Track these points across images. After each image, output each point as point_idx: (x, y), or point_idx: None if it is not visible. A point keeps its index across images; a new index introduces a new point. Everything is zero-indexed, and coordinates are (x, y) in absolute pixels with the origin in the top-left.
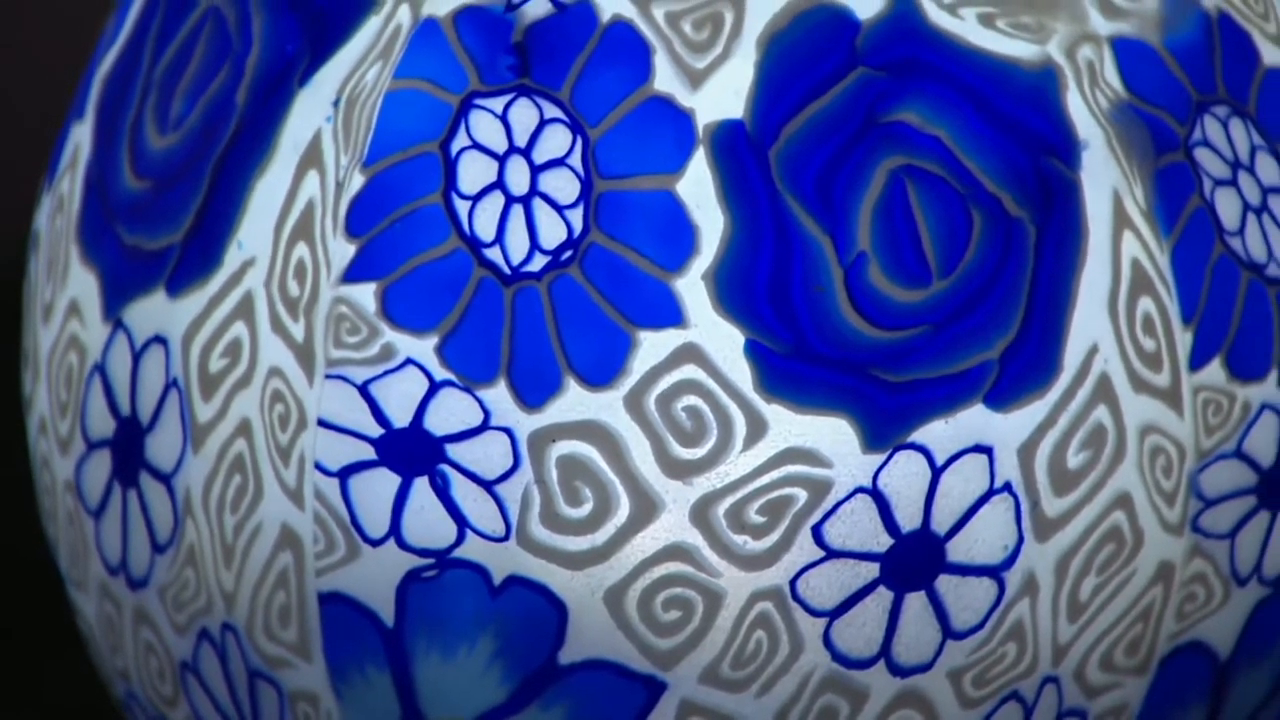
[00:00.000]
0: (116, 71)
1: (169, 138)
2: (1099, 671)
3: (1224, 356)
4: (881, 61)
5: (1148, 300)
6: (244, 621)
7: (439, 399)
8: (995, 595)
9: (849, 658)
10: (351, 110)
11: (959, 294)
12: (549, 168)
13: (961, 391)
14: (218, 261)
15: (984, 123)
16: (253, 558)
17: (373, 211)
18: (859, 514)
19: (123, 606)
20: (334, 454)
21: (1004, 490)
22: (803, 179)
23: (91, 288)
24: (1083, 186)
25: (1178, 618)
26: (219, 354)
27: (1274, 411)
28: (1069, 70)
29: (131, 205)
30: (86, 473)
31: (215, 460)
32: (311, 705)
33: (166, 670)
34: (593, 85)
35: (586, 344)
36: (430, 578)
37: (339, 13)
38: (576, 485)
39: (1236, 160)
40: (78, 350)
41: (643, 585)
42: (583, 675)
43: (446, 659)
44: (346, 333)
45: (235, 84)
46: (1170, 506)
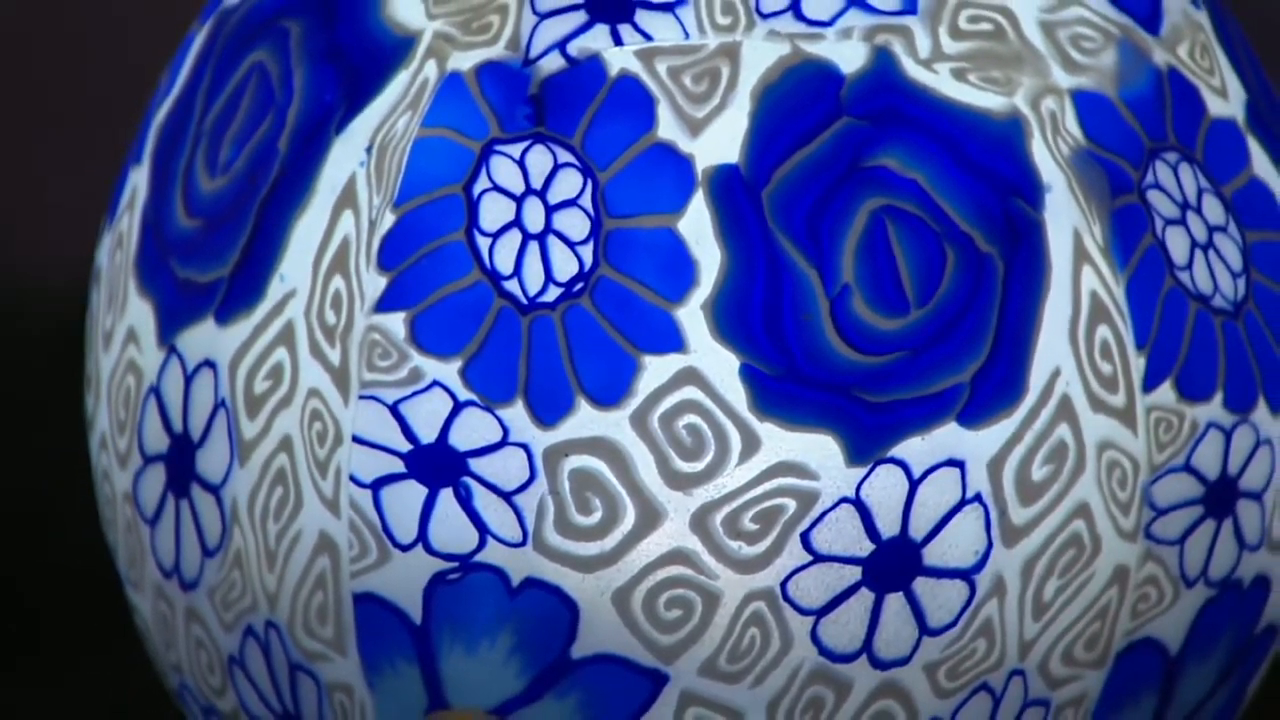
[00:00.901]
0: (170, 121)
1: (218, 181)
2: (1061, 665)
3: (1174, 379)
4: (864, 111)
5: (1105, 328)
6: (285, 619)
7: (462, 417)
8: (967, 596)
9: (834, 653)
10: (383, 156)
11: (934, 323)
12: (562, 208)
13: (936, 411)
14: (262, 293)
15: (957, 167)
16: (293, 562)
17: (402, 247)
18: (843, 522)
19: (175, 606)
20: (367, 467)
21: (975, 500)
22: (792, 218)
23: (148, 317)
24: (1046, 225)
25: (1132, 616)
26: (263, 377)
27: (1219, 429)
28: (1033, 120)
29: (184, 242)
30: (143, 485)
31: (259, 473)
32: (347, 695)
33: (215, 663)
34: (602, 133)
35: (596, 367)
36: (454, 580)
37: (372, 67)
38: (587, 496)
39: (1185, 202)
40: (135, 373)
41: (647, 586)
42: (593, 668)
43: (469, 653)
44: (378, 357)
45: (278, 132)
46: (1125, 515)
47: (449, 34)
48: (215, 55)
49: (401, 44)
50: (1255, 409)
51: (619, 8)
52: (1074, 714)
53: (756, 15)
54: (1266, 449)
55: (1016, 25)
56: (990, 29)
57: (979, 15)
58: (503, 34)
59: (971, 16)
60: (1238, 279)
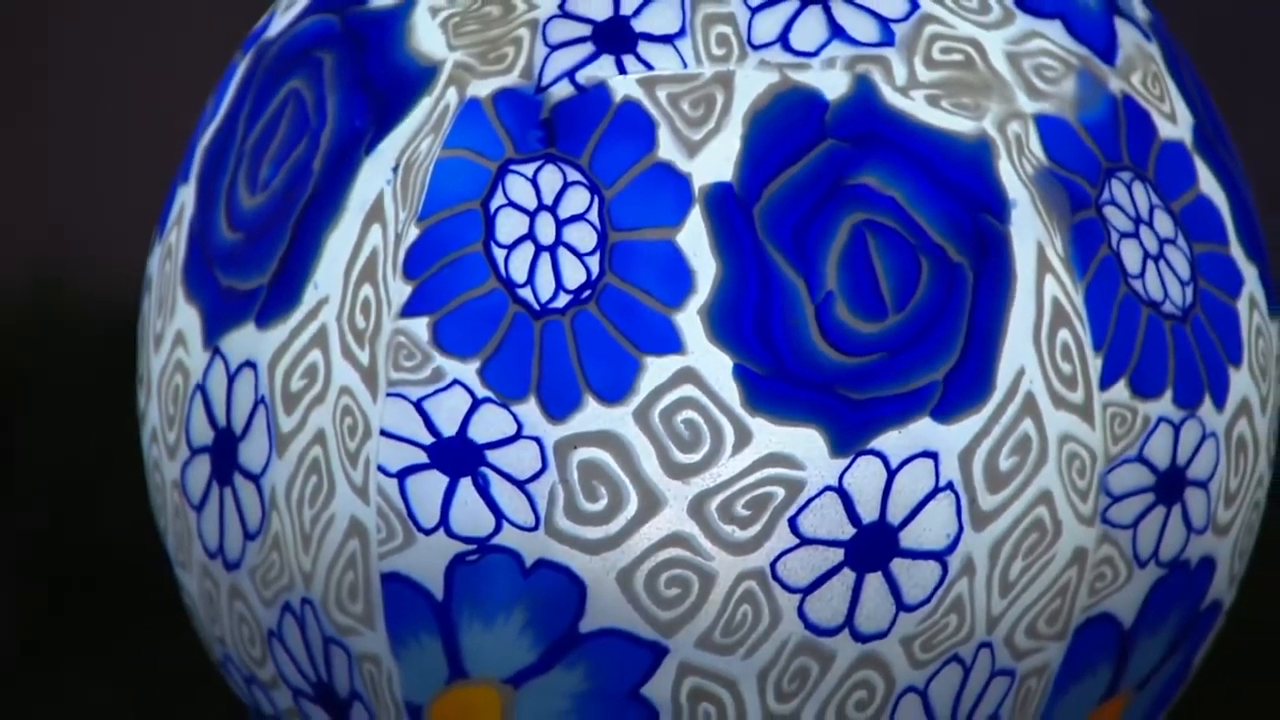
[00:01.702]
0: (215, 143)
1: (258, 198)
2: (1025, 638)
3: (1128, 378)
4: (846, 134)
5: (1065, 332)
6: (320, 596)
7: (480, 413)
8: (939, 575)
9: (819, 627)
10: (408, 174)
11: (910, 326)
12: (571, 222)
13: (912, 407)
14: (298, 299)
15: (931, 185)
16: (327, 544)
17: (425, 258)
18: (827, 508)
19: (220, 584)
20: (393, 458)
21: (947, 489)
22: (781, 231)
23: (194, 321)
24: (1012, 238)
25: (1089, 594)
26: (299, 376)
27: (1169, 424)
28: (1000, 142)
29: (227, 253)
30: (190, 474)
31: (296, 463)
32: (375, 665)
33: (256, 637)
34: (607, 154)
35: (602, 367)
36: (473, 561)
37: (398, 94)
38: (594, 484)
39: (1138, 217)
40: (182, 373)
41: (649, 567)
42: (599, 641)
43: (486, 628)
44: (404, 358)
45: (312, 153)
46: (1084, 502)
47: (468, 64)
48: (255, 83)
49: (425, 73)
50: (1202, 405)
51: (623, 40)
52: (1037, 683)
53: (748, 47)
54: (1212, 441)
55: (985, 56)
56: (961, 59)
57: (950, 46)
58: (517, 64)
59: (944, 48)
60: (1186, 287)
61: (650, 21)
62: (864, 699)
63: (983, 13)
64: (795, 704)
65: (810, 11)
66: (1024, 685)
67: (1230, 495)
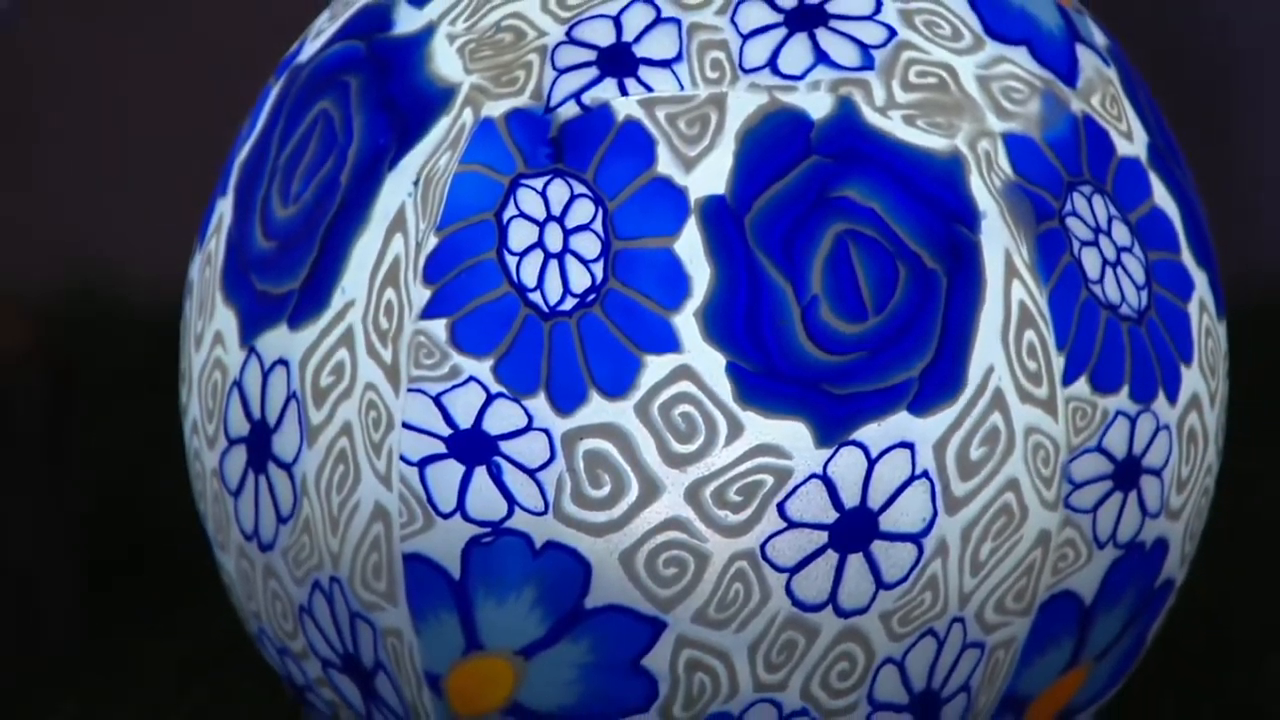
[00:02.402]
0: (251, 159)
1: (290, 209)
2: (994, 613)
3: (1088, 375)
4: (830, 151)
5: (1031, 333)
6: (347, 575)
7: (494, 407)
8: (915, 556)
9: (805, 603)
10: (428, 188)
11: (888, 327)
12: (577, 231)
13: (890, 401)
14: (326, 303)
15: (908, 198)
16: (353, 527)
17: (444, 264)
18: (812, 494)
19: (255, 564)
20: (414, 448)
21: (922, 476)
22: (770, 240)
23: (231, 323)
24: (982, 246)
25: (1053, 573)
26: (327, 373)
27: (1126, 417)
28: (971, 158)
29: (262, 260)
30: (228, 462)
31: (324, 453)
32: (397, 638)
33: (288, 612)
34: (611, 169)
35: (606, 365)
36: (487, 543)
37: (419, 114)
38: (598, 472)
39: (1098, 227)
40: (221, 370)
41: (648, 548)
42: (603, 617)
43: (499, 604)
44: (424, 357)
45: (340, 168)
46: (1048, 489)
47: (483, 86)
48: (288, 104)
49: (443, 94)
50: (1156, 400)
51: (625, 64)
52: (1005, 654)
53: (740, 71)
54: (1165, 433)
55: (957, 79)
56: (935, 82)
57: (925, 70)
58: (528, 86)
59: (919, 71)
60: (1141, 291)
61: (650, 48)
62: (846, 669)
63: (955, 39)
64: (783, 674)
65: (797, 38)
66: (993, 656)
67: (1182, 482)
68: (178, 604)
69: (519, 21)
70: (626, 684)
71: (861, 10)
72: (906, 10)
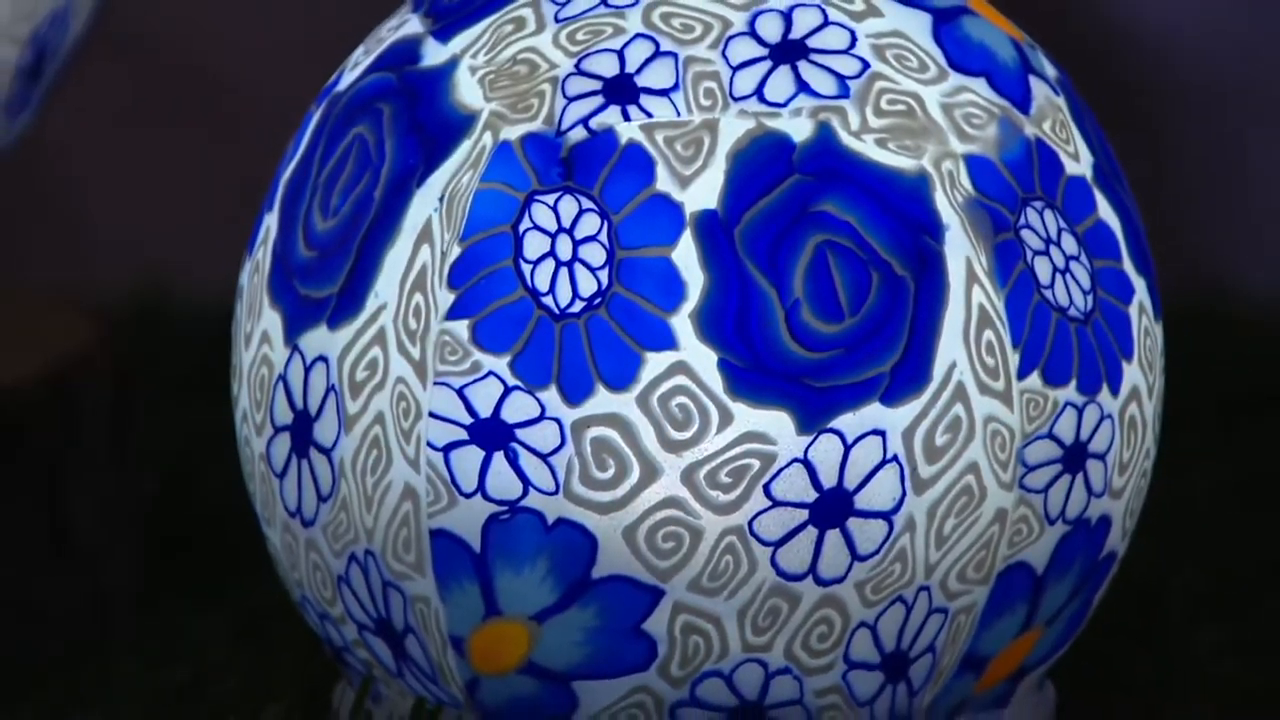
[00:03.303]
0: (294, 177)
1: (329, 222)
2: (956, 582)
3: (1041, 370)
4: (810, 170)
5: (989, 332)
6: (380, 549)
7: (510, 398)
8: (886, 531)
9: (788, 574)
10: (452, 203)
11: (863, 328)
12: (585, 242)
13: (864, 394)
14: (361, 306)
15: (880, 212)
16: (385, 506)
17: (466, 271)
18: (795, 477)
19: (298, 538)
20: (440, 435)
21: (892, 460)
22: (757, 249)
23: (277, 323)
24: (946, 256)
25: (1009, 546)
26: (362, 368)
27: (1073, 407)
28: (936, 177)
29: (304, 268)
30: (274, 448)
31: (360, 439)
32: (425, 605)
33: (328, 581)
34: (615, 186)
35: (610, 361)
36: (505, 519)
37: (444, 137)
38: (604, 457)
39: (1049, 238)
40: (268, 365)
41: (648, 525)
42: (607, 585)
43: (516, 574)
44: (448, 354)
45: (374, 186)
46: (1004, 471)
47: (501, 112)
48: (327, 128)
49: (466, 120)
50: (1100, 392)
51: (627, 93)
52: (966, 619)
53: (730, 99)
54: (1108, 422)
55: (923, 106)
56: (904, 109)
57: (895, 99)
58: (541, 112)
59: (890, 99)
60: (1087, 296)
61: (650, 78)
62: (825, 632)
63: (921, 71)
64: (768, 637)
65: (781, 70)
66: (955, 621)
67: (1123, 465)
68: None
69: (533, 55)
70: (629, 645)
71: (838, 45)
72: (878, 45)
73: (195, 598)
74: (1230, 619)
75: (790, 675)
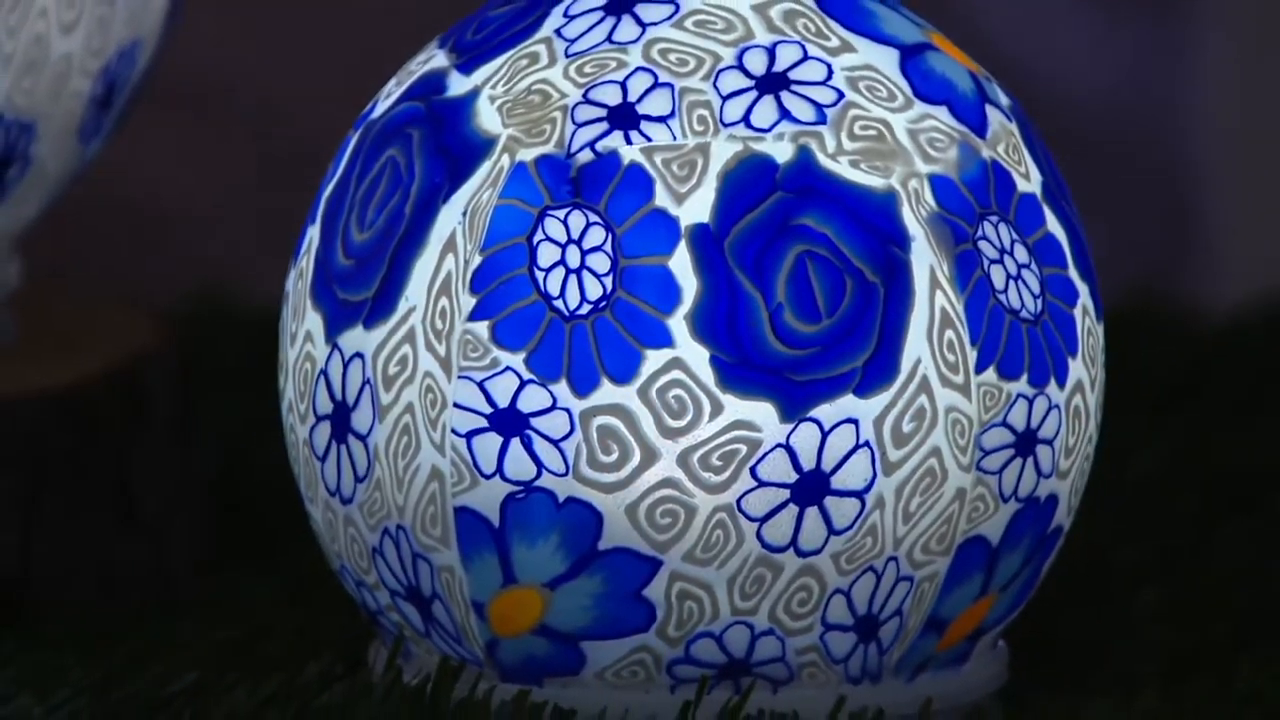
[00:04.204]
0: (334, 195)
1: (365, 234)
2: (920, 554)
3: (996, 365)
4: (791, 188)
5: (950, 332)
6: (410, 524)
7: (526, 391)
8: (859, 509)
9: (772, 546)
10: (474, 217)
11: (838, 328)
12: (592, 252)
13: (839, 386)
14: (394, 308)
15: (853, 225)
16: (414, 486)
17: (486, 278)
18: (778, 460)
19: (337, 515)
20: (463, 423)
21: (864, 445)
22: (744, 258)
23: (318, 324)
24: (912, 264)
25: (967, 521)
26: (394, 364)
27: (1024, 398)
28: (903, 193)
29: (342, 275)
30: (316, 435)
31: (392, 427)
32: (450, 574)
33: (364, 552)
34: (618, 202)
35: (614, 357)
36: (521, 498)
37: (467, 159)
38: (608, 442)
39: (1003, 249)
40: (310, 361)
41: (648, 503)
42: (612, 556)
43: (530, 547)
44: (470, 351)
45: (404, 202)
46: (964, 455)
47: (518, 137)
48: (363, 151)
49: (486, 143)
50: (1049, 385)
51: (629, 120)
52: (929, 586)
53: (721, 124)
54: (1055, 411)
55: (892, 131)
56: (875, 134)
57: (867, 124)
58: (553, 137)
59: (862, 125)
60: (1037, 299)
61: (649, 106)
62: (804, 598)
63: (890, 100)
64: (754, 602)
65: (765, 99)
66: (920, 588)
67: (1068, 450)
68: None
69: (546, 86)
70: (631, 610)
71: (816, 77)
72: (852, 77)
73: (248, 566)
74: (1163, 585)
75: (774, 636)
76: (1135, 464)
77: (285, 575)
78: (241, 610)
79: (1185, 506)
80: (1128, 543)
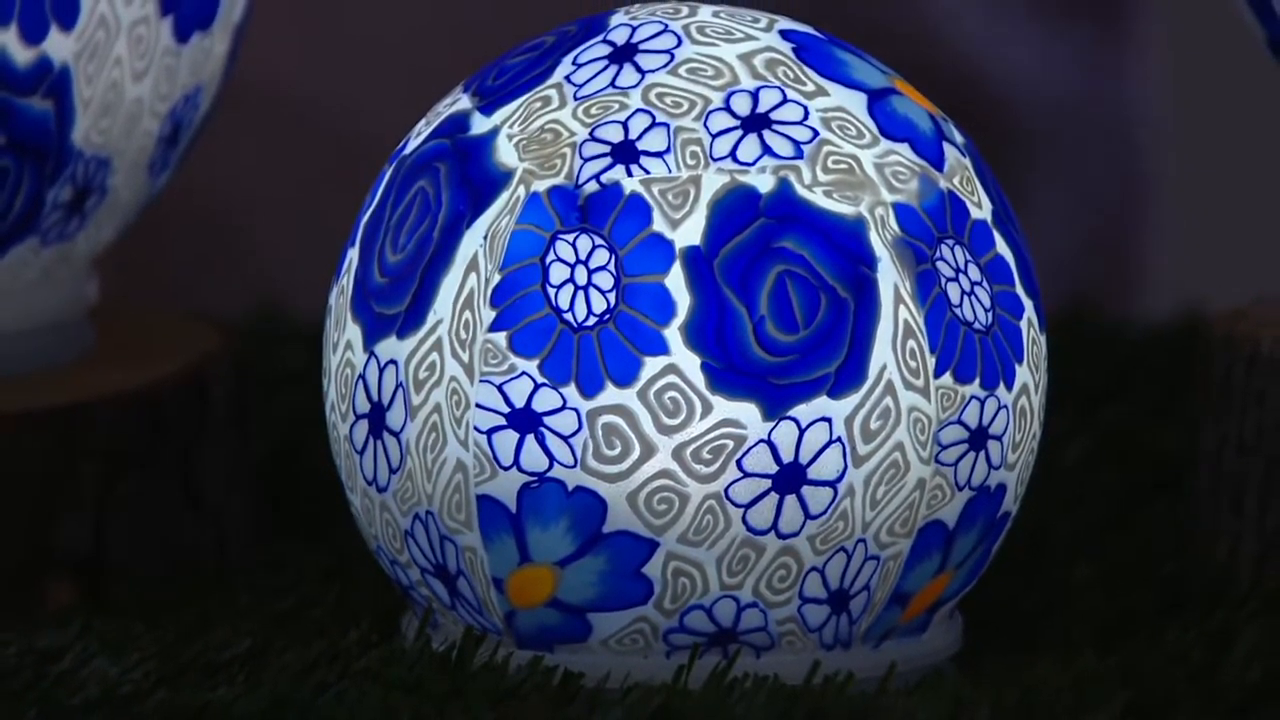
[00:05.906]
0: (371, 221)
1: (398, 256)
2: (886, 536)
3: (952, 370)
4: (773, 215)
5: (912, 341)
6: (438, 510)
7: (539, 393)
8: (832, 496)
9: (755, 529)
10: (494, 241)
11: (813, 338)
12: (597, 271)
13: (815, 389)
14: (423, 321)
15: (827, 248)
16: (442, 476)
17: (504, 294)
18: (761, 454)
19: (374, 502)
20: (484, 422)
21: (837, 441)
22: (731, 277)
23: (357, 334)
24: (879, 282)
25: (927, 508)
26: (423, 369)
27: (977, 399)
28: (871, 220)
29: (378, 291)
30: (355, 431)
31: (422, 425)
32: (473, 553)
33: (397, 535)
34: (621, 227)
35: (617, 364)
36: (535, 487)
37: (488, 189)
38: (612, 438)
39: (958, 268)
40: (350, 367)
41: (647, 491)
42: (615, 538)
43: (543, 530)
44: (490, 358)
45: (433, 227)
46: (924, 450)
47: (532, 170)
48: (396, 182)
49: (504, 176)
50: (998, 387)
51: (630, 155)
52: (893, 565)
53: (710, 159)
54: (1004, 411)
55: (861, 165)
56: (846, 167)
57: (839, 159)
58: (563, 170)
59: (835, 160)
60: (988, 313)
61: (648, 143)
62: (784, 575)
63: (859, 138)
64: (740, 578)
65: (750, 136)
66: (885, 566)
67: (1015, 445)
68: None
69: (557, 125)
70: (632, 585)
71: (794, 118)
72: (826, 117)
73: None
74: (1096, 560)
75: (757, 608)
76: (1071, 453)
77: (329, 554)
78: (290, 584)
79: (1114, 489)
80: (1064, 521)
